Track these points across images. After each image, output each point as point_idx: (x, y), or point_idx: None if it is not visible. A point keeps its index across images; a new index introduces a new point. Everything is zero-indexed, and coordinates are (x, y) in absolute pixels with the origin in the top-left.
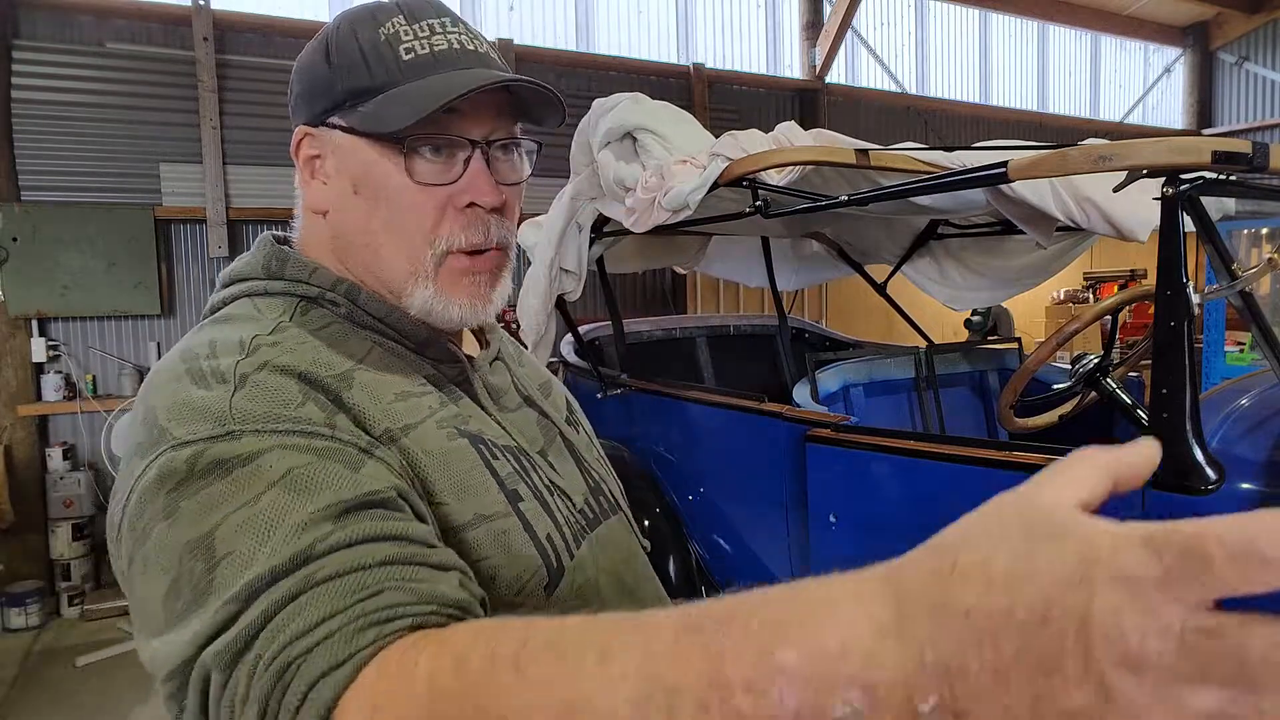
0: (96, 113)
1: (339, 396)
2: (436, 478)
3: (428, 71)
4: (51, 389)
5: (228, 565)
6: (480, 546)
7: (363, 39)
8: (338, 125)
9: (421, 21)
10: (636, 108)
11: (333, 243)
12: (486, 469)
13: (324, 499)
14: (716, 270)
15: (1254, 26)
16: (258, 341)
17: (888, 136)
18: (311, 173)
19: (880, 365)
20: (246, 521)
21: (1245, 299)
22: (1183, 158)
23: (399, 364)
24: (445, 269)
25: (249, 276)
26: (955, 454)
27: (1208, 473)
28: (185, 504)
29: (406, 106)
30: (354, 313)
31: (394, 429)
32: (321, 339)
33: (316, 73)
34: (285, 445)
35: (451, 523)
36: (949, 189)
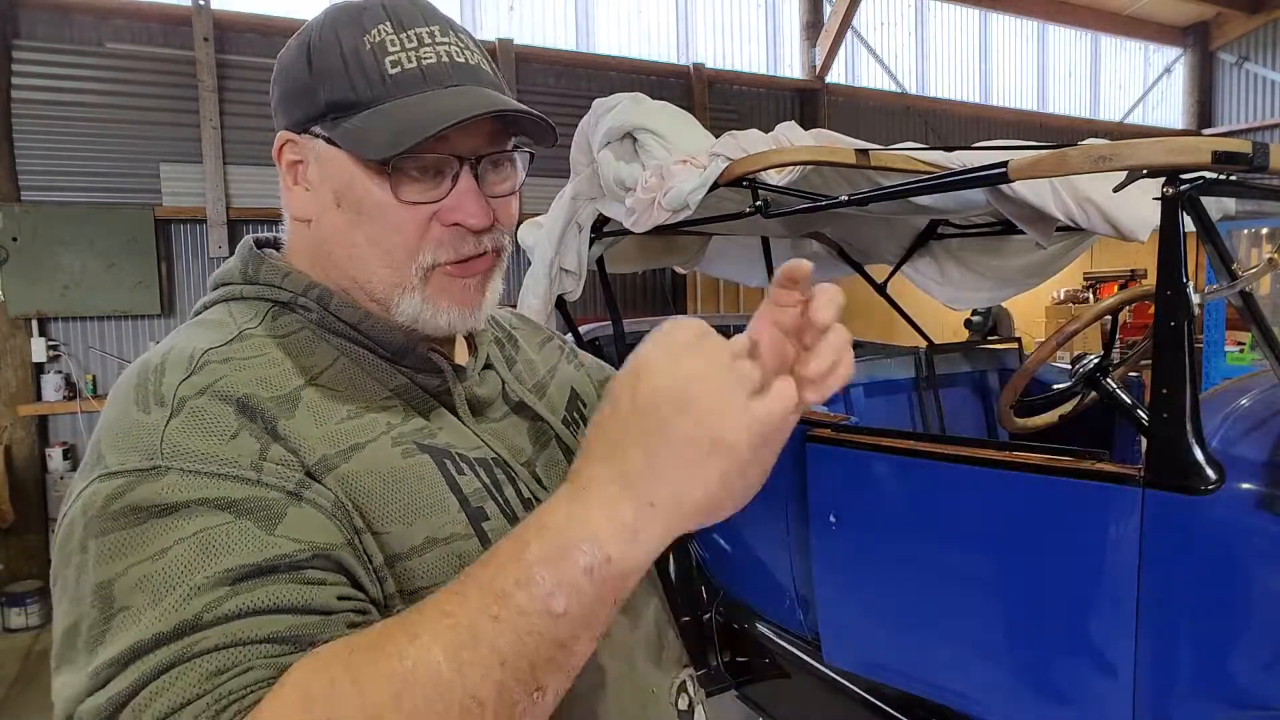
0: (96, 113)
1: (274, 426)
2: (382, 501)
3: (414, 89)
4: (51, 389)
5: (120, 621)
6: (431, 571)
7: (346, 45)
8: (321, 135)
9: (409, 30)
10: (636, 108)
11: (315, 250)
12: (447, 486)
13: (228, 561)
14: (716, 270)
15: (1254, 26)
16: (207, 358)
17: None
18: (294, 178)
19: (880, 365)
20: (148, 577)
21: (1245, 299)
22: (1183, 158)
23: (363, 376)
24: (433, 280)
25: (229, 281)
26: (955, 454)
27: (1208, 473)
28: (96, 544)
29: (389, 133)
30: (325, 319)
31: (332, 455)
32: (285, 347)
33: (297, 77)
34: (203, 497)
35: (398, 548)
36: (949, 189)
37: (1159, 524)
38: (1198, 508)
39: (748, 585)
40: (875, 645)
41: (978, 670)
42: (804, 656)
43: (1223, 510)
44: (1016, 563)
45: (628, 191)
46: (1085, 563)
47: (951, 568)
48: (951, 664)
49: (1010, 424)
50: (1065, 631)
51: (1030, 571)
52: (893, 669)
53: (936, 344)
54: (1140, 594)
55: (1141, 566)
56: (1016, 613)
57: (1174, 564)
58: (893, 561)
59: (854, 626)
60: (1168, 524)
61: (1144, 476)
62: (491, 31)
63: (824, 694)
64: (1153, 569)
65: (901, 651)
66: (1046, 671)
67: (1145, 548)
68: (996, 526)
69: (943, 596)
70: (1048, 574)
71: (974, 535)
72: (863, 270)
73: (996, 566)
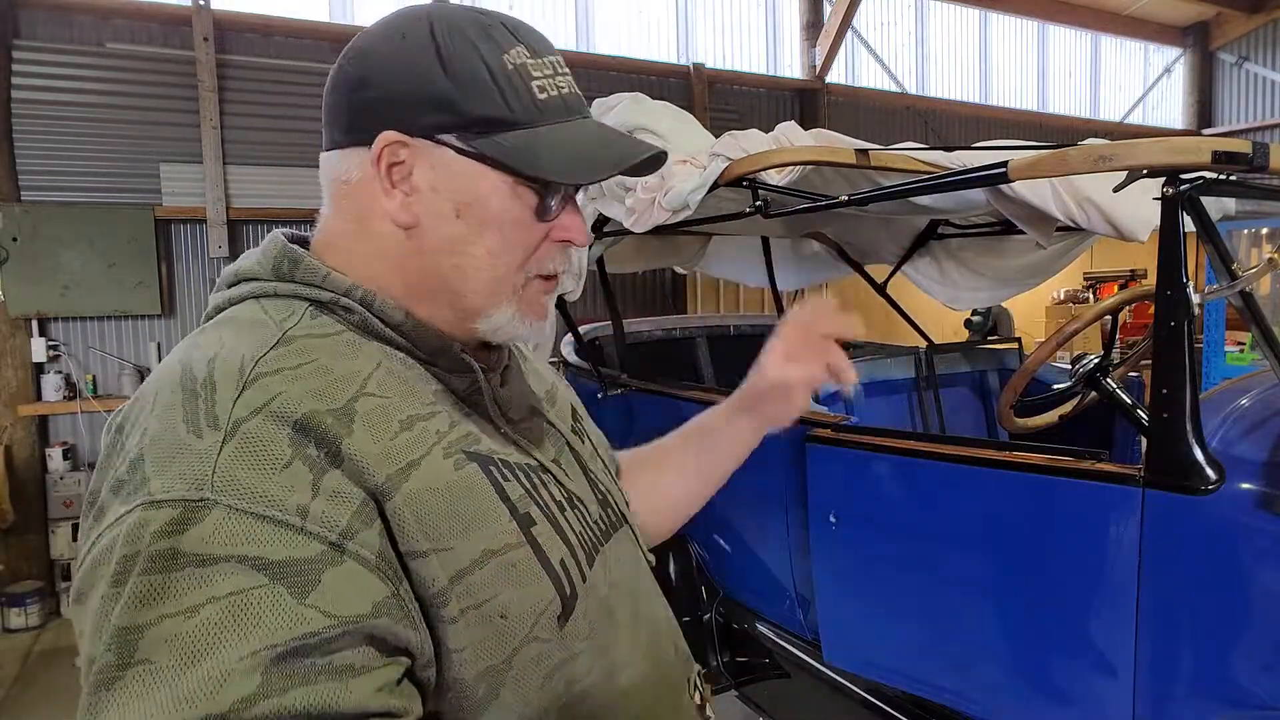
0: (96, 113)
1: (338, 446)
2: (443, 518)
3: (559, 116)
4: (51, 389)
5: (139, 675)
6: (489, 585)
7: (490, 60)
8: (452, 145)
9: (543, 58)
10: (636, 107)
11: (407, 257)
12: (497, 495)
13: (256, 638)
14: (716, 270)
15: (1254, 26)
16: (257, 370)
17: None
18: (392, 182)
19: (880, 365)
20: (177, 636)
21: (1245, 299)
22: (1183, 158)
23: (406, 380)
24: (527, 292)
25: (256, 276)
26: (955, 454)
27: (1208, 473)
28: (134, 582)
29: (571, 159)
30: (366, 320)
31: (394, 475)
32: (329, 351)
33: (426, 79)
34: (242, 554)
35: (460, 564)
36: (949, 189)
37: (1159, 524)
38: (1198, 508)
39: (748, 585)
40: (875, 645)
41: (978, 670)
42: (804, 656)
43: (1223, 510)
44: (1016, 563)
45: (628, 191)
46: (1085, 563)
47: (951, 568)
48: (951, 664)
49: (1010, 424)
50: (1065, 631)
51: (1030, 572)
52: (893, 669)
53: (936, 344)
54: (1140, 594)
55: (1141, 566)
56: (1016, 613)
57: (1174, 564)
58: (893, 561)
59: (854, 626)
60: (1168, 524)
61: (1144, 476)
62: None
63: (824, 694)
64: (1153, 569)
65: (901, 651)
66: (1046, 671)
67: (1145, 548)
68: (996, 526)
69: (943, 596)
70: (1048, 574)
71: (974, 535)
72: (863, 270)
73: (996, 566)
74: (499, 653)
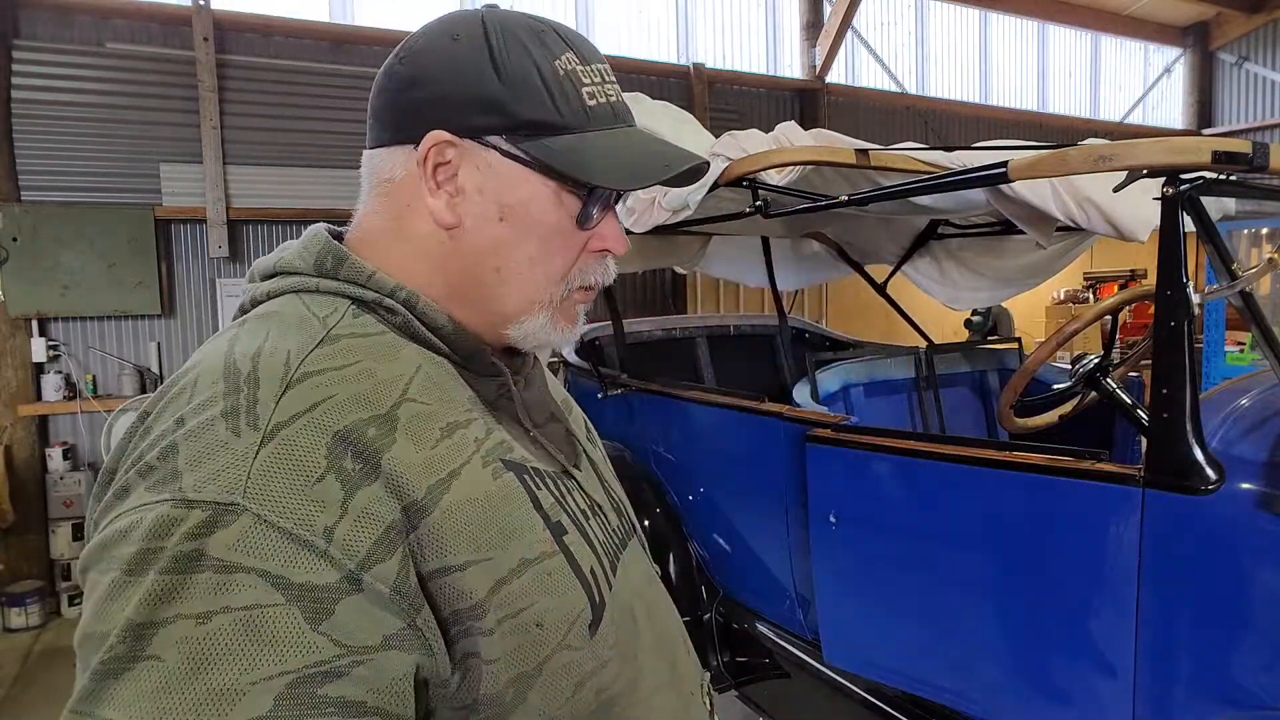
0: (96, 113)
1: (377, 460)
2: (482, 529)
3: (608, 124)
4: (51, 389)
5: (145, 671)
6: (525, 594)
7: (541, 65)
8: (500, 148)
9: (592, 65)
10: (636, 108)
11: (447, 258)
12: (532, 504)
13: (270, 663)
14: (716, 270)
15: (1254, 26)
16: (303, 369)
17: (888, 136)
18: (437, 182)
19: (880, 365)
20: (188, 639)
21: (1245, 299)
22: (1183, 158)
23: (444, 385)
24: (566, 302)
25: (294, 270)
26: (955, 454)
27: (1208, 473)
28: (154, 579)
29: (621, 165)
30: (408, 323)
31: (435, 486)
32: (371, 353)
33: (478, 80)
34: (265, 570)
35: (499, 573)
36: (949, 189)
37: (1159, 524)
38: (1198, 508)
39: (748, 585)
40: (875, 645)
41: (978, 670)
42: (804, 656)
43: (1223, 510)
44: (1016, 563)
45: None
46: (1085, 563)
47: (951, 568)
48: (952, 664)
49: (1010, 424)
50: (1065, 631)
51: (1030, 572)
52: (893, 669)
53: (936, 344)
54: (1140, 594)
55: (1141, 566)
56: (1016, 613)
57: (1174, 564)
58: (893, 561)
59: (854, 626)
60: (1168, 524)
61: (1144, 476)
62: None
63: (824, 694)
64: (1153, 569)
65: (901, 651)
66: (1046, 671)
67: (1145, 548)
68: (996, 526)
69: (943, 596)
70: (1047, 574)
71: (974, 535)
72: (863, 270)
73: (996, 566)
74: (530, 660)
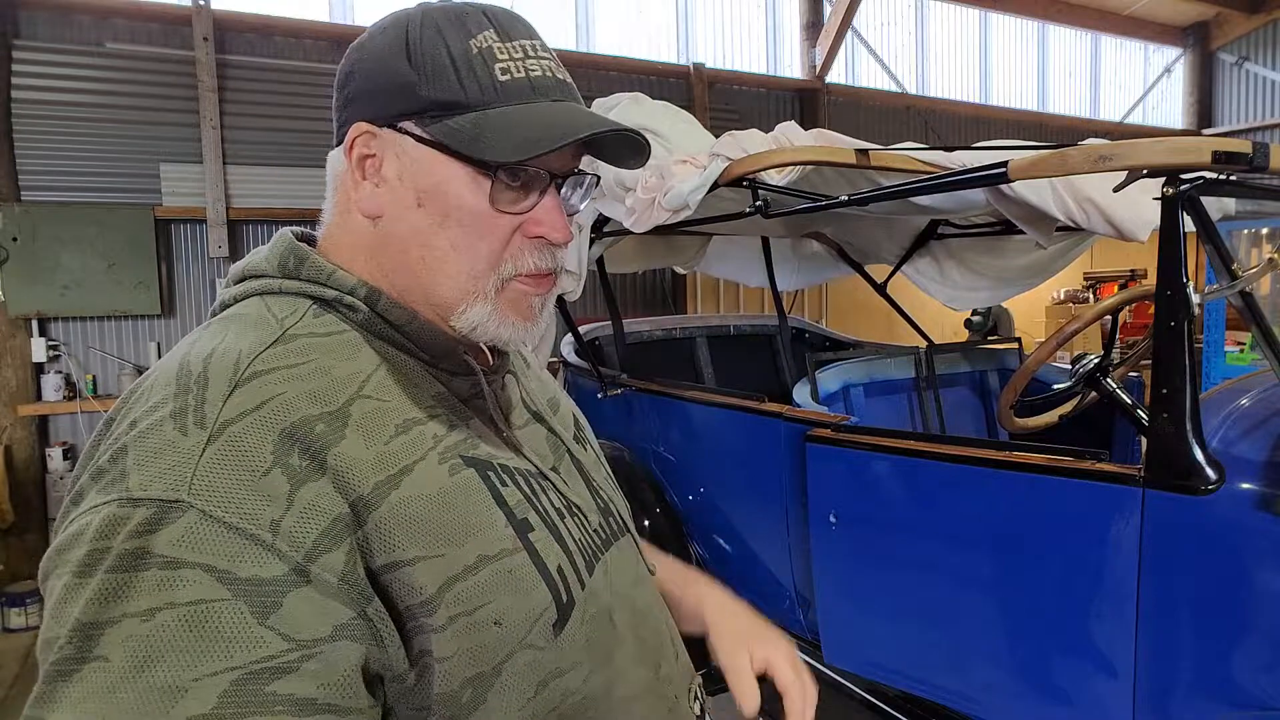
0: (96, 113)
1: (324, 456)
2: (435, 525)
3: (523, 98)
4: (51, 389)
5: (93, 671)
6: (483, 591)
7: (453, 46)
8: (411, 133)
9: (515, 41)
10: (636, 107)
11: (377, 249)
12: (494, 500)
13: (213, 656)
14: (716, 270)
15: (1254, 26)
16: (253, 368)
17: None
18: (363, 173)
19: (880, 365)
20: (133, 637)
21: (1245, 299)
22: (1183, 158)
23: (407, 382)
24: (507, 292)
25: (262, 273)
26: (955, 454)
27: (1208, 473)
28: (101, 578)
29: (513, 137)
30: (370, 320)
31: (383, 482)
32: (329, 350)
33: (393, 70)
34: (210, 565)
35: (452, 570)
36: (949, 189)
37: (1159, 524)
38: (1198, 508)
39: (748, 585)
40: (875, 645)
41: (978, 670)
42: (804, 656)
43: (1223, 510)
44: (1016, 563)
45: (628, 191)
46: (1085, 563)
47: (951, 568)
48: (951, 664)
49: (1010, 424)
50: (1065, 631)
51: (1030, 572)
52: (893, 669)
53: (936, 344)
54: (1140, 594)
55: (1141, 566)
56: (1016, 613)
57: (1174, 564)
58: (893, 561)
59: (854, 626)
60: (1168, 524)
61: (1144, 476)
62: None
63: (824, 694)
64: (1153, 569)
65: (901, 651)
66: (1046, 671)
67: (1145, 548)
68: (996, 526)
69: (943, 597)
70: (1047, 574)
71: (974, 535)
72: (863, 270)
73: (996, 566)
74: (489, 660)
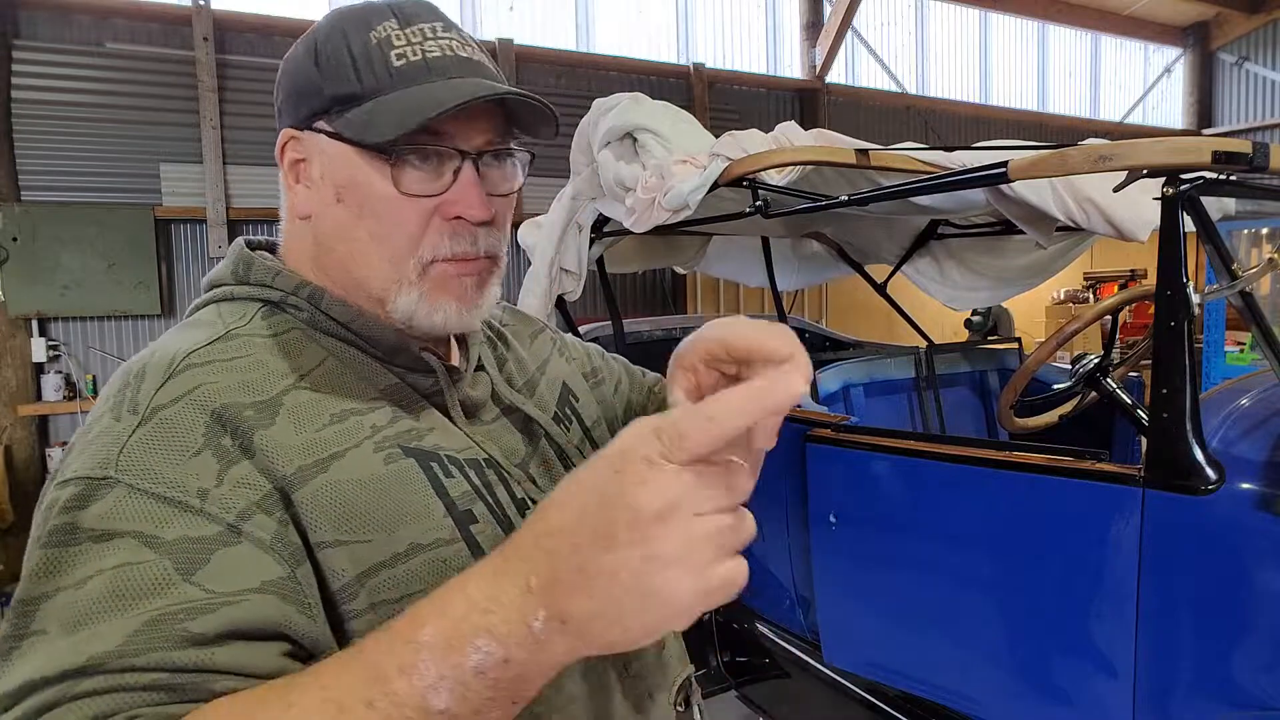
0: (96, 113)
1: (250, 439)
2: (363, 510)
3: (419, 79)
4: (51, 389)
5: (30, 644)
6: (413, 579)
7: (354, 43)
8: (323, 131)
9: (414, 26)
10: (636, 108)
11: (314, 248)
12: (433, 490)
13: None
14: (716, 270)
15: (1254, 26)
16: (188, 360)
17: (888, 136)
18: (296, 177)
19: (880, 365)
20: (67, 605)
21: (1245, 299)
22: (1183, 158)
23: (352, 377)
24: (431, 275)
25: (221, 282)
26: (955, 454)
27: (1208, 473)
28: (39, 554)
29: (393, 117)
30: (315, 318)
31: (308, 466)
32: (271, 347)
33: (304, 75)
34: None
35: (379, 556)
36: (949, 189)
37: (1159, 524)
38: (1198, 508)
39: (748, 585)
40: (875, 645)
41: (978, 670)
42: (804, 656)
43: (1223, 510)
44: (1016, 563)
45: (628, 191)
46: (1085, 563)
47: (951, 568)
48: (951, 664)
49: (1010, 424)
50: (1065, 631)
51: (1030, 572)
52: (893, 669)
53: (936, 344)
54: (1140, 594)
55: (1141, 566)
56: (1016, 613)
57: (1174, 564)
58: (893, 562)
59: (854, 626)
60: (1168, 524)
61: (1144, 476)
62: (491, 31)
63: (824, 694)
64: (1152, 569)
65: (901, 651)
66: (1046, 671)
67: (1145, 548)
68: (996, 527)
69: (943, 597)
70: (1047, 574)
71: (974, 535)
72: (863, 270)
73: (996, 567)
74: None
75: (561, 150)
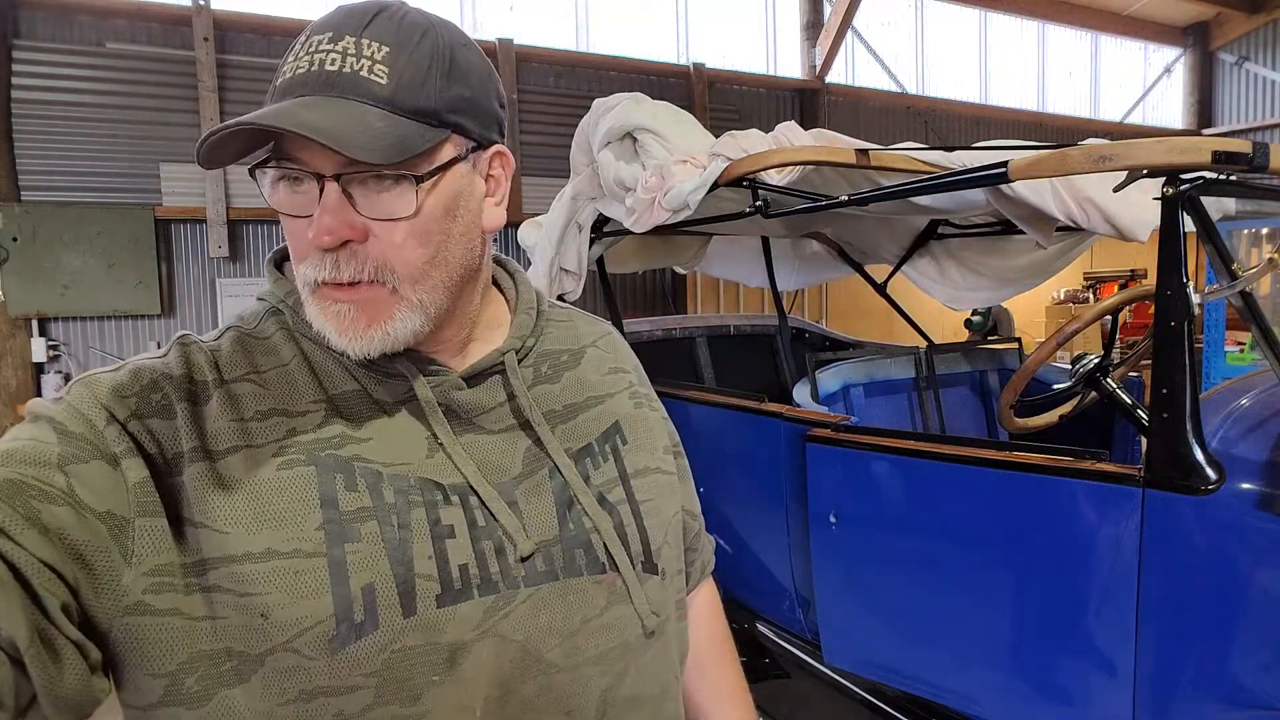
0: (96, 113)
1: (183, 404)
2: (229, 504)
3: (272, 98)
4: (51, 389)
5: None
6: (259, 581)
7: (281, 63)
8: None
9: (311, 38)
10: (636, 108)
11: None
12: (319, 502)
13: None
14: (716, 270)
15: (1254, 26)
16: (184, 340)
17: (888, 136)
18: None
19: (880, 365)
20: None
21: (1245, 299)
22: (1183, 158)
23: (307, 379)
24: (318, 297)
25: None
26: (955, 454)
27: (1208, 473)
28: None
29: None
30: (295, 322)
31: (201, 448)
32: (256, 345)
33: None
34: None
35: (233, 550)
36: (949, 189)
37: (1159, 524)
38: (1198, 508)
39: (748, 585)
40: (875, 645)
41: (978, 670)
42: (804, 656)
43: (1223, 510)
44: (1016, 563)
45: (628, 191)
46: (1085, 563)
47: (951, 568)
48: (951, 664)
49: (1010, 424)
50: (1065, 631)
51: (1030, 572)
52: (893, 669)
53: (936, 344)
54: (1140, 594)
55: (1141, 566)
56: (1016, 613)
57: (1174, 564)
58: (893, 562)
59: (854, 627)
60: (1168, 524)
61: (1144, 476)
62: (491, 31)
63: (824, 694)
64: (1152, 569)
65: (901, 651)
66: (1046, 671)
67: (1145, 548)
68: (996, 527)
69: (943, 597)
70: (1047, 574)
71: (974, 535)
72: (863, 270)
73: (996, 566)
74: (252, 645)
75: (562, 150)
